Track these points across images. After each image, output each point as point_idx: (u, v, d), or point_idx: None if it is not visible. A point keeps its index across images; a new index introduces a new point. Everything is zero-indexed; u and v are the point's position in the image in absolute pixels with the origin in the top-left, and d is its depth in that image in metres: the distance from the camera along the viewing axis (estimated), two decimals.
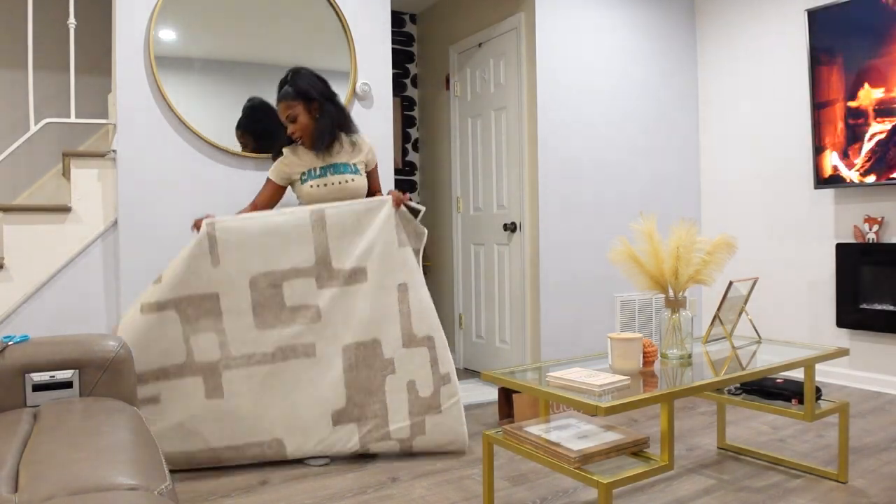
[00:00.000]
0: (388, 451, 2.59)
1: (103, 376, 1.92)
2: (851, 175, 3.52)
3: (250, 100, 3.00)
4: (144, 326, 2.41)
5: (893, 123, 3.35)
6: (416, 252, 2.70)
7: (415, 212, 2.70)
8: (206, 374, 2.47)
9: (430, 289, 4.51)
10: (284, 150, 2.75)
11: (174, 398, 2.46)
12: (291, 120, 2.67)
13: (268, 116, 3.01)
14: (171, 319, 2.45)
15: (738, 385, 2.46)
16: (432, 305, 2.67)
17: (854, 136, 3.51)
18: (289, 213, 2.56)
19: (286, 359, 2.54)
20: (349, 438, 2.55)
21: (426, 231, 2.73)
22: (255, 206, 2.72)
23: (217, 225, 2.49)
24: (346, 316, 2.59)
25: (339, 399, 2.55)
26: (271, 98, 3.02)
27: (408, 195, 2.69)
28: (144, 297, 2.45)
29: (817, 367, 3.82)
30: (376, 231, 2.61)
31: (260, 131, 3.02)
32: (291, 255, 2.55)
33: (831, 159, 3.61)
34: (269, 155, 2.89)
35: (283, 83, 2.69)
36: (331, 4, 3.08)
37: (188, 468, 2.49)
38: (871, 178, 3.44)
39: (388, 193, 2.66)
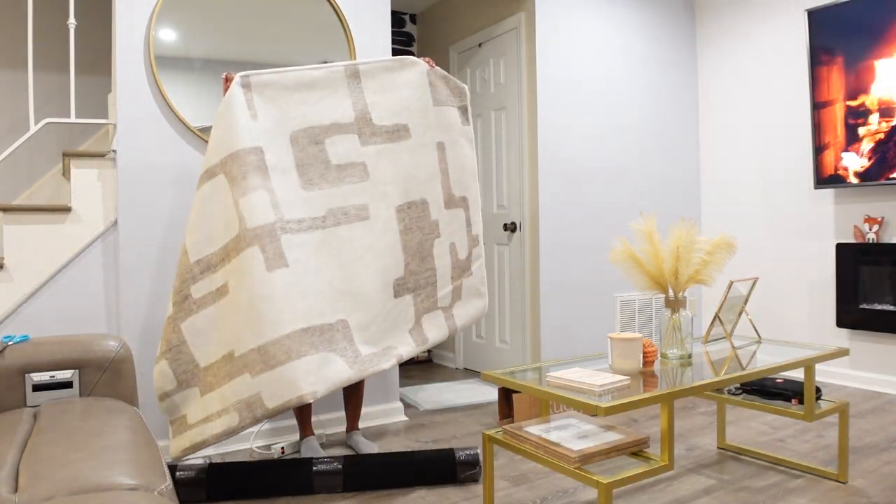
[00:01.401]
0: (437, 334, 2.49)
1: (103, 376, 1.92)
2: (851, 175, 3.52)
3: None
4: (200, 200, 2.25)
5: (893, 123, 3.35)
6: (462, 109, 2.62)
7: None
8: (264, 242, 2.14)
9: None
10: None
11: (238, 280, 2.14)
12: None
13: None
14: (221, 185, 2.22)
15: (738, 385, 2.46)
16: (469, 165, 2.58)
17: (854, 136, 3.51)
18: (323, 68, 2.46)
19: (338, 224, 2.34)
20: (406, 313, 2.43)
21: (467, 87, 2.66)
22: None
23: (252, 78, 2.32)
24: (394, 173, 2.47)
25: (398, 267, 2.42)
26: None
27: (431, 60, 2.67)
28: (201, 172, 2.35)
29: (817, 367, 3.82)
30: (410, 88, 2.55)
31: None
32: (330, 111, 2.43)
33: (831, 159, 3.61)
34: None
35: None
36: (331, 4, 3.08)
37: (265, 369, 2.04)
38: (870, 179, 3.44)
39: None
